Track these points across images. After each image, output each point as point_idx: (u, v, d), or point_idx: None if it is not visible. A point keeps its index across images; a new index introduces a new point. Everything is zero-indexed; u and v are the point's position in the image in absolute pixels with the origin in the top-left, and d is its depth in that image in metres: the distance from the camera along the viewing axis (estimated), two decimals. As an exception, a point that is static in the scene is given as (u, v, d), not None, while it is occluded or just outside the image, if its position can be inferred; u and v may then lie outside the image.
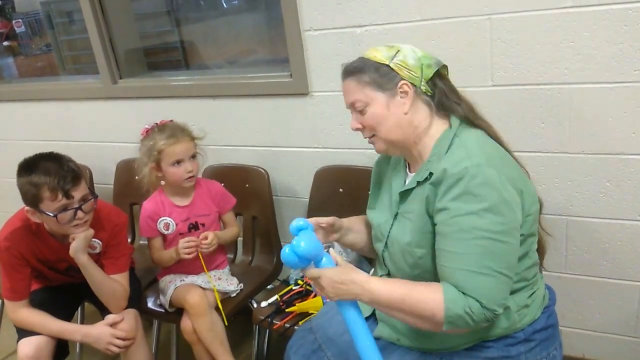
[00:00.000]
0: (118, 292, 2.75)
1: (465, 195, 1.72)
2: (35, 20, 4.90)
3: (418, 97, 1.90)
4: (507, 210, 1.72)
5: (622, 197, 2.57)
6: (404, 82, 1.87)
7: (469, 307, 1.69)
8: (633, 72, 2.34)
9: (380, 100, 1.89)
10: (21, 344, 2.68)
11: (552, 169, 2.63)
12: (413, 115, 1.90)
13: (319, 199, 3.13)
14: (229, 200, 3.11)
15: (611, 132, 2.47)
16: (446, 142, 1.86)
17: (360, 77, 1.90)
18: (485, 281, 1.71)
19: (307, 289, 2.84)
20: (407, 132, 1.91)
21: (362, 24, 2.76)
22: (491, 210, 1.70)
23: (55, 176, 2.44)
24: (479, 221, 1.71)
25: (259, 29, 3.77)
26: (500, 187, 1.72)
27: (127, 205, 3.30)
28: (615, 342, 2.89)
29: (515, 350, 1.92)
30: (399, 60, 1.88)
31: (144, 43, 4.04)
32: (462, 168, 1.73)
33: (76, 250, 2.58)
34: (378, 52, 1.92)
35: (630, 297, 2.75)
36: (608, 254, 2.71)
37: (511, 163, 1.88)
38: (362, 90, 1.91)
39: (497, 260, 1.71)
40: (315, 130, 3.11)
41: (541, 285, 2.05)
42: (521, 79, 2.54)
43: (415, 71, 1.87)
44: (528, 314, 1.93)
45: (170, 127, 2.85)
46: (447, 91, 1.93)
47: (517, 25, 2.46)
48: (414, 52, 1.91)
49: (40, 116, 4.06)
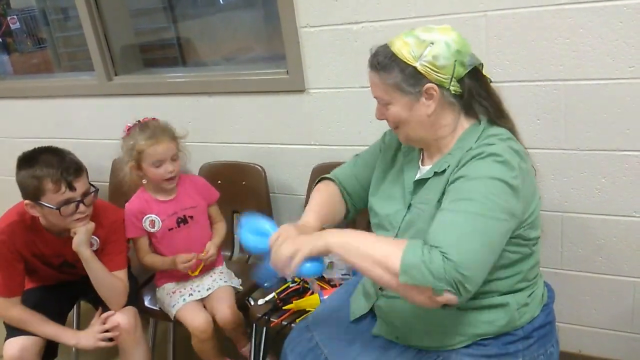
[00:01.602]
0: (118, 289, 2.75)
1: (473, 165, 1.74)
2: (30, 16, 4.89)
3: (445, 99, 1.84)
4: (515, 195, 1.70)
5: (618, 194, 2.58)
6: (431, 86, 1.80)
7: (429, 258, 1.58)
8: (628, 69, 2.35)
9: (403, 102, 1.85)
10: (7, 344, 2.65)
11: (548, 165, 2.64)
12: (437, 117, 1.86)
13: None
14: (213, 192, 3.10)
15: (606, 129, 2.48)
16: (474, 136, 1.85)
17: (385, 76, 1.84)
18: (460, 237, 1.63)
19: (304, 286, 2.83)
20: (430, 131, 1.89)
21: (358, 20, 2.76)
22: (503, 186, 1.68)
23: (58, 168, 2.45)
24: (487, 184, 1.69)
25: (256, 25, 3.77)
26: (518, 173, 1.71)
27: (122, 202, 3.27)
28: (611, 338, 2.90)
29: (514, 347, 1.92)
30: (427, 60, 1.77)
31: (140, 40, 4.04)
32: (487, 146, 1.75)
33: (79, 243, 2.58)
34: (406, 47, 1.80)
35: (625, 292, 2.76)
36: (603, 250, 2.72)
37: (528, 161, 1.85)
38: (384, 90, 1.86)
39: (485, 228, 1.65)
40: (311, 127, 3.11)
41: (540, 284, 2.06)
42: (516, 75, 2.55)
43: (445, 73, 1.79)
44: (527, 312, 1.94)
45: (151, 127, 2.81)
46: (476, 91, 1.87)
47: (512, 22, 2.47)
48: (448, 47, 1.78)
49: (35, 113, 4.05)
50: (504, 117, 1.92)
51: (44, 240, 2.70)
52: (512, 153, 1.75)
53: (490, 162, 1.71)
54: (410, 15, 2.64)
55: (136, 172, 2.83)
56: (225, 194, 3.17)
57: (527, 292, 1.95)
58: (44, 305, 2.77)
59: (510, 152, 1.75)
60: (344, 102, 2.96)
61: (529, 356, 1.94)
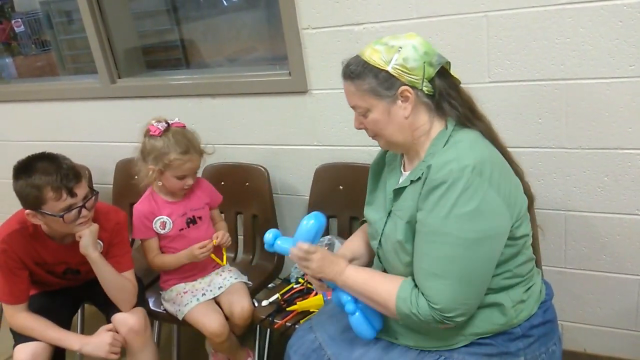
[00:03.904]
0: (128, 289, 2.74)
1: (444, 199, 1.75)
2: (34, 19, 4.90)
3: (419, 99, 1.88)
4: (484, 219, 1.75)
5: (620, 192, 2.58)
6: (405, 88, 1.84)
7: (417, 308, 1.80)
8: (629, 68, 2.35)
9: (381, 107, 1.88)
10: (17, 350, 2.63)
11: (550, 164, 2.64)
12: (414, 118, 1.90)
13: (319, 197, 3.14)
14: (217, 196, 3.11)
15: (608, 127, 2.48)
16: (441, 142, 1.87)
17: (359, 83, 1.89)
18: (440, 285, 1.77)
19: (308, 287, 2.84)
20: (409, 134, 1.92)
21: (360, 21, 2.76)
22: (466, 218, 1.73)
23: (57, 175, 2.42)
24: (451, 226, 1.74)
25: (259, 27, 3.77)
26: (482, 194, 1.74)
27: (126, 205, 3.30)
28: (616, 336, 2.90)
29: (514, 346, 1.93)
30: (398, 64, 1.83)
31: (144, 42, 4.04)
32: (447, 171, 1.75)
33: (86, 246, 2.56)
34: (376, 54, 1.86)
35: (629, 290, 2.76)
36: (607, 248, 2.72)
37: (503, 167, 1.87)
38: (361, 97, 1.91)
39: (461, 266, 1.76)
40: (314, 128, 3.12)
41: (537, 281, 2.06)
42: (518, 75, 2.55)
43: (416, 74, 1.84)
44: (524, 309, 1.94)
45: (186, 140, 2.79)
46: (447, 91, 1.90)
47: (514, 22, 2.47)
48: (415, 50, 1.84)
49: (39, 116, 4.06)
50: (476, 117, 1.95)
51: (47, 248, 2.68)
52: (481, 162, 1.77)
53: (455, 195, 1.74)
54: (412, 16, 2.64)
55: (157, 175, 2.82)
56: (229, 195, 3.18)
57: (523, 289, 1.95)
58: (49, 311, 2.75)
59: (477, 163, 1.76)
60: (346, 103, 2.95)
61: (531, 354, 1.94)
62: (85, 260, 2.61)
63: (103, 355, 2.64)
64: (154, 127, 2.78)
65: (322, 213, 2.09)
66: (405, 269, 1.93)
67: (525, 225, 1.92)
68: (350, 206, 2.64)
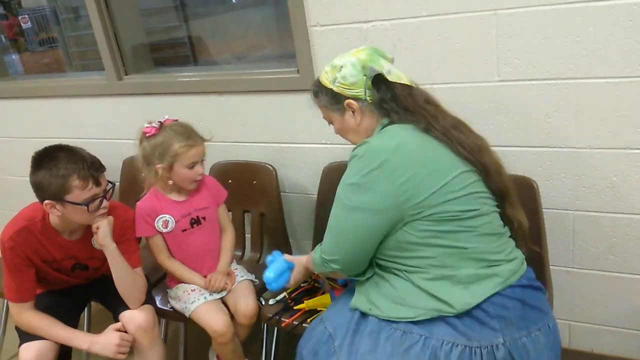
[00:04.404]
0: (140, 285, 2.75)
1: (346, 170, 2.09)
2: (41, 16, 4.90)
3: (365, 107, 2.18)
4: (362, 193, 2.02)
5: (629, 192, 2.57)
6: (349, 102, 2.17)
7: (315, 252, 2.28)
8: (638, 67, 2.34)
9: (337, 117, 2.26)
10: (22, 348, 2.63)
11: (559, 163, 2.63)
12: (364, 122, 2.21)
13: (327, 195, 3.12)
14: (222, 191, 3.09)
15: (617, 127, 2.47)
16: (375, 133, 2.19)
17: (318, 100, 2.29)
18: (327, 235, 2.18)
19: (315, 285, 2.84)
20: (364, 135, 2.20)
21: (368, 19, 2.76)
22: (349, 187, 2.05)
23: (83, 164, 2.44)
24: (340, 192, 2.10)
25: (267, 24, 3.77)
26: (368, 172, 2.00)
27: (133, 202, 3.27)
28: (624, 336, 2.89)
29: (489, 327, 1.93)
30: (339, 82, 2.16)
31: (151, 39, 4.04)
32: (358, 148, 2.06)
33: (104, 235, 2.57)
34: (325, 75, 2.22)
35: (638, 290, 2.76)
36: (615, 248, 2.71)
37: (411, 157, 2.02)
38: (323, 111, 2.33)
39: (337, 224, 2.12)
40: (322, 126, 3.09)
41: (511, 262, 2.06)
42: (527, 74, 2.54)
43: (356, 87, 2.15)
44: (479, 290, 1.96)
45: (185, 129, 2.79)
46: (381, 96, 2.16)
47: (523, 21, 2.46)
48: (353, 66, 2.14)
49: (45, 113, 4.06)
50: (410, 114, 2.14)
51: (55, 244, 2.67)
52: (379, 149, 2.02)
53: (350, 167, 2.07)
54: (421, 14, 2.63)
55: (166, 173, 2.80)
56: (236, 193, 3.17)
57: (426, 276, 2.02)
58: (56, 309, 2.75)
59: (379, 148, 2.02)
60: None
61: (509, 336, 1.92)
62: (94, 256, 2.63)
63: (111, 355, 2.63)
64: (148, 128, 2.78)
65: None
66: None
67: (469, 203, 2.02)
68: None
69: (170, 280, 3.05)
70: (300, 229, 3.50)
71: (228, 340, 2.84)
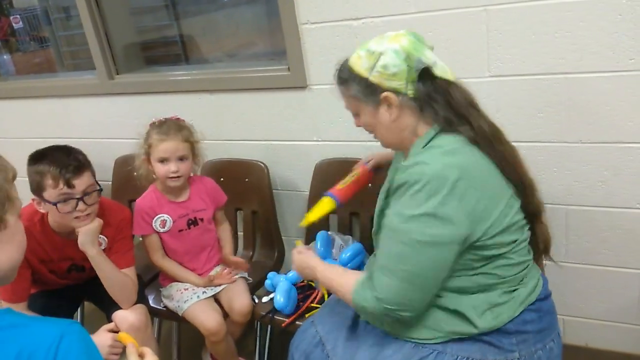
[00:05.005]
0: (129, 286, 2.74)
1: (403, 199, 1.79)
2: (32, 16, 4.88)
3: (404, 103, 1.89)
4: (438, 224, 1.75)
5: (621, 186, 2.58)
6: (387, 95, 1.87)
7: (366, 300, 1.87)
8: (628, 61, 2.34)
9: (367, 110, 1.95)
10: None
11: (550, 158, 2.64)
12: (400, 121, 1.91)
13: (319, 192, 3.10)
14: (222, 195, 3.10)
15: (608, 121, 2.48)
16: (420, 146, 1.89)
17: (347, 88, 1.96)
18: (387, 279, 1.82)
19: (310, 284, 2.84)
20: (397, 134, 1.96)
21: (359, 16, 2.75)
22: (419, 220, 1.75)
23: (58, 165, 2.45)
24: (405, 226, 1.78)
25: (258, 22, 3.76)
26: (440, 200, 1.73)
27: (125, 201, 3.29)
28: (617, 330, 2.90)
29: (507, 341, 1.91)
30: (378, 71, 1.85)
31: (142, 38, 4.03)
32: (410, 173, 1.79)
33: (84, 242, 2.56)
34: (359, 61, 1.90)
35: (631, 284, 2.76)
36: (608, 243, 2.72)
37: (476, 178, 1.81)
38: (350, 102, 2.00)
39: (410, 266, 1.79)
40: (314, 123, 3.11)
41: (529, 283, 2.01)
42: (518, 69, 2.54)
43: (398, 79, 1.85)
44: (504, 312, 1.91)
45: (168, 124, 2.80)
46: (429, 95, 1.89)
47: (513, 16, 2.46)
48: (397, 54, 1.83)
49: (37, 113, 4.05)
50: (462, 122, 1.90)
51: (53, 244, 2.69)
52: (444, 171, 1.76)
53: (412, 196, 1.77)
54: (411, 10, 2.63)
55: (147, 166, 2.83)
56: (229, 191, 3.16)
57: (499, 291, 1.92)
58: (49, 309, 2.75)
59: (444, 169, 1.76)
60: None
61: (526, 350, 1.92)
62: None
63: (104, 356, 2.62)
64: (153, 120, 2.83)
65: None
66: None
67: (513, 233, 1.89)
68: (350, 202, 2.63)
69: (164, 279, 3.06)
70: (293, 226, 3.50)
71: (220, 339, 2.84)
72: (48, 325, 1.32)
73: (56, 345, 1.25)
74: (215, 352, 2.98)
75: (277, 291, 2.67)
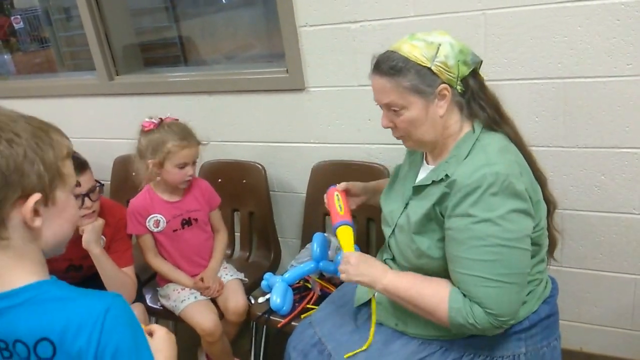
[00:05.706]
0: (128, 285, 2.75)
1: (481, 203, 1.74)
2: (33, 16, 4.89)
3: (453, 98, 1.87)
4: (521, 218, 1.76)
5: (617, 190, 2.58)
6: (444, 86, 1.82)
7: (472, 317, 1.76)
8: (626, 66, 2.35)
9: (419, 104, 1.84)
10: None
11: (547, 163, 2.62)
12: (447, 117, 1.88)
13: (316, 194, 3.13)
14: (215, 197, 3.09)
15: (605, 126, 2.48)
16: (467, 146, 1.87)
17: (400, 80, 1.83)
18: (495, 290, 1.75)
19: (306, 285, 2.83)
20: (440, 133, 1.91)
21: (357, 19, 2.76)
22: (506, 218, 1.73)
23: None
24: (493, 228, 1.73)
25: (256, 24, 3.77)
26: (516, 195, 1.74)
27: (124, 201, 3.28)
28: (612, 335, 2.90)
29: (516, 336, 1.93)
30: (440, 61, 1.80)
31: (142, 39, 4.04)
32: (481, 175, 1.74)
33: (88, 241, 2.58)
34: (417, 50, 1.82)
35: (626, 289, 2.77)
36: (603, 247, 2.72)
37: (528, 170, 1.88)
38: (400, 94, 1.85)
39: (510, 267, 1.75)
40: (311, 125, 3.12)
41: (543, 279, 2.06)
42: (515, 73, 2.55)
43: (453, 72, 1.82)
44: (524, 308, 1.93)
45: (181, 129, 2.79)
46: (477, 92, 1.90)
47: (511, 20, 2.47)
48: (452, 48, 1.82)
49: (37, 113, 3.95)
50: (503, 119, 1.93)
51: None
52: (510, 168, 1.77)
53: (492, 198, 1.74)
54: (409, 14, 2.64)
55: (156, 169, 2.81)
56: (226, 192, 3.17)
57: (527, 290, 1.92)
58: None
59: (509, 166, 1.78)
60: (343, 101, 2.97)
61: (532, 346, 1.94)
62: (88, 255, 2.62)
63: None
64: (147, 123, 2.79)
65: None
66: (417, 259, 1.96)
67: (542, 232, 1.93)
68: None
69: (161, 279, 3.06)
70: (289, 228, 3.50)
71: (216, 339, 2.84)
72: (94, 298, 1.39)
73: (102, 319, 1.29)
74: (211, 352, 2.98)
75: (273, 292, 2.67)
